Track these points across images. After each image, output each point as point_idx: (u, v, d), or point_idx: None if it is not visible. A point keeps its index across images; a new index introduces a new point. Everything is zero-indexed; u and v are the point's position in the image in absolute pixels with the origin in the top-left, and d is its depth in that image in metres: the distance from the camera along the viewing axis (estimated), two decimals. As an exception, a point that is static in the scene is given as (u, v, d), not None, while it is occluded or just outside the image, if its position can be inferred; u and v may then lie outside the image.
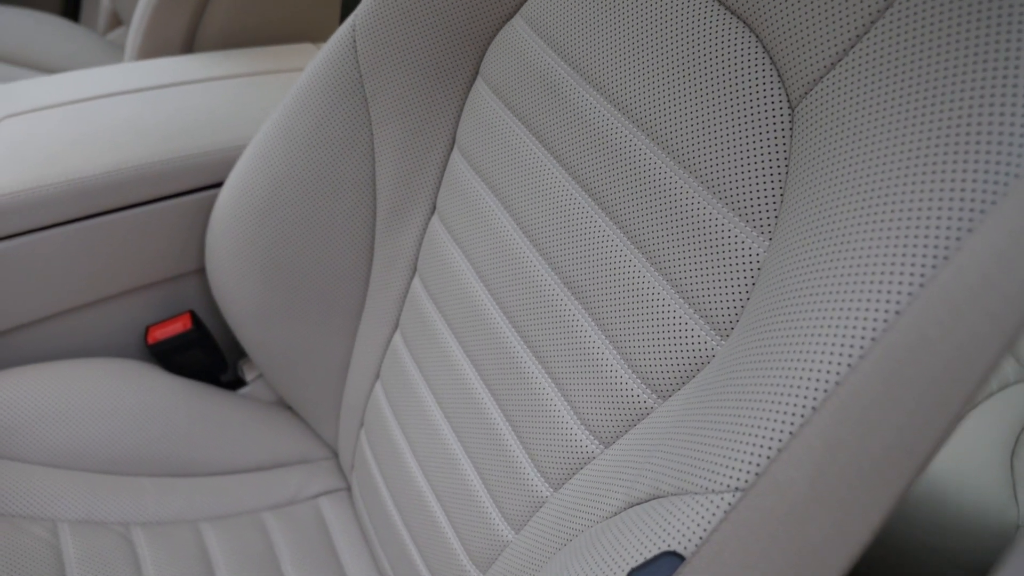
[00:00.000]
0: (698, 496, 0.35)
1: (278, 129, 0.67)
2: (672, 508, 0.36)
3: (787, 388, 0.31)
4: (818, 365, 0.31)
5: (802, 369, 0.31)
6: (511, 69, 0.58)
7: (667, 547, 0.33)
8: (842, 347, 0.30)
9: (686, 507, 0.35)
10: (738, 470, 0.32)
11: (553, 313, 0.53)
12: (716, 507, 0.33)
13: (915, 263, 0.29)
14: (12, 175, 0.68)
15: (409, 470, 0.66)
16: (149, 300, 0.79)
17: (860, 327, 0.30)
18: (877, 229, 0.31)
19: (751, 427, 0.33)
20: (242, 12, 0.91)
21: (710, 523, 0.32)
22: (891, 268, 0.30)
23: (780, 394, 0.32)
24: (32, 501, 0.68)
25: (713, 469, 0.34)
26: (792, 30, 0.40)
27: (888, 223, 0.31)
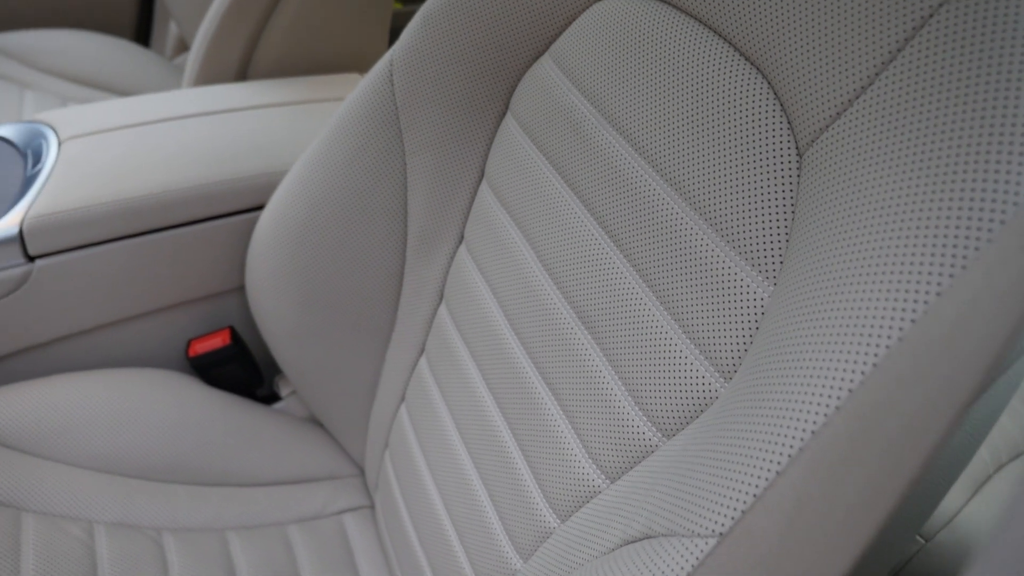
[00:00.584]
0: (684, 539, 0.35)
1: (317, 156, 0.70)
2: (659, 549, 0.37)
3: (768, 437, 0.32)
4: (796, 417, 0.31)
5: (782, 419, 0.32)
6: (538, 106, 0.59)
7: None
8: (818, 401, 0.30)
9: (672, 549, 0.35)
10: (720, 515, 0.33)
11: (567, 346, 0.54)
12: (699, 551, 0.34)
13: (892, 320, 0.29)
14: (69, 193, 0.73)
15: (427, 493, 0.68)
16: (192, 315, 0.83)
17: (837, 381, 0.30)
18: (861, 283, 0.32)
19: (734, 473, 0.33)
20: (293, 43, 0.95)
21: (692, 567, 0.33)
22: (870, 324, 0.30)
23: (762, 442, 0.32)
24: (71, 502, 0.71)
25: (699, 512, 0.34)
26: (803, 78, 0.40)
27: (871, 279, 0.31)
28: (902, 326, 0.28)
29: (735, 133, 0.44)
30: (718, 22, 0.45)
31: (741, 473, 0.32)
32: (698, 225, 0.45)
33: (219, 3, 0.91)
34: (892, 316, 0.29)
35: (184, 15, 1.27)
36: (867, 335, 0.30)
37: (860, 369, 0.29)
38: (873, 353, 0.29)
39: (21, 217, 0.71)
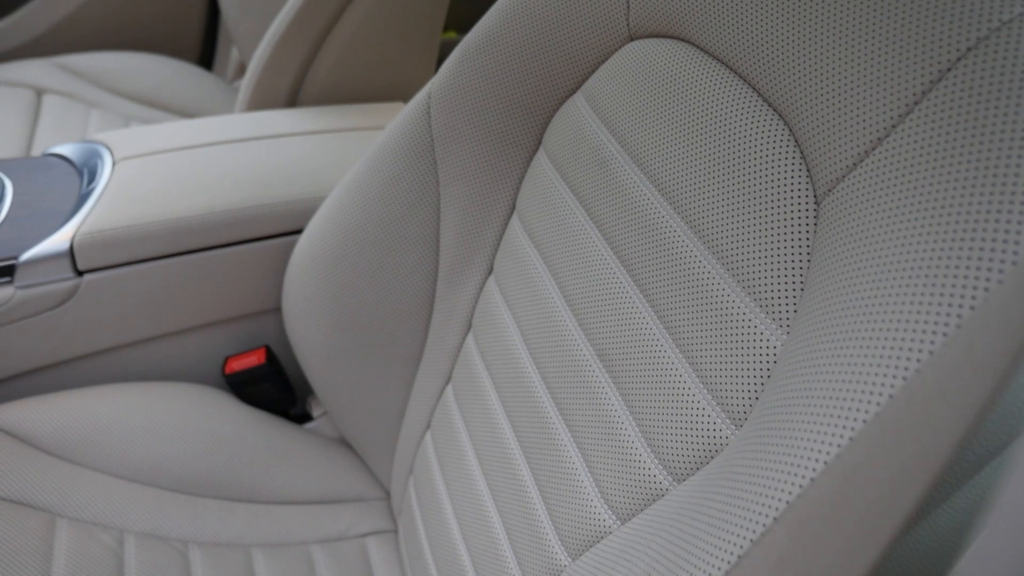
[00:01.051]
0: (680, 586, 0.35)
1: (354, 184, 0.72)
2: (658, 594, 0.36)
3: (761, 492, 0.31)
4: (788, 473, 0.30)
5: (775, 476, 0.31)
6: (569, 142, 0.60)
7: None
8: (808, 460, 0.30)
9: (669, 595, 0.35)
10: (713, 566, 0.32)
11: (585, 383, 0.54)
12: None
13: (885, 378, 0.29)
14: (119, 211, 0.76)
15: (447, 521, 0.68)
16: (229, 333, 0.85)
17: (826, 441, 0.29)
18: (861, 340, 0.31)
19: (727, 526, 0.33)
20: (343, 71, 0.98)
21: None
22: (862, 383, 0.29)
23: (755, 496, 0.32)
24: (104, 510, 0.73)
25: (693, 563, 0.34)
26: (823, 126, 0.40)
27: (870, 337, 0.31)
28: (893, 385, 0.28)
29: (755, 178, 0.43)
30: (743, 67, 0.45)
31: (733, 526, 0.32)
32: (716, 269, 0.45)
33: (273, 32, 0.94)
34: (884, 375, 0.28)
35: (245, 40, 1.32)
36: (859, 394, 0.29)
37: (849, 428, 0.28)
38: (863, 412, 0.28)
39: (72, 233, 0.74)
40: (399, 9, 0.97)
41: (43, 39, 1.45)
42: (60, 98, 1.27)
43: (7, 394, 0.78)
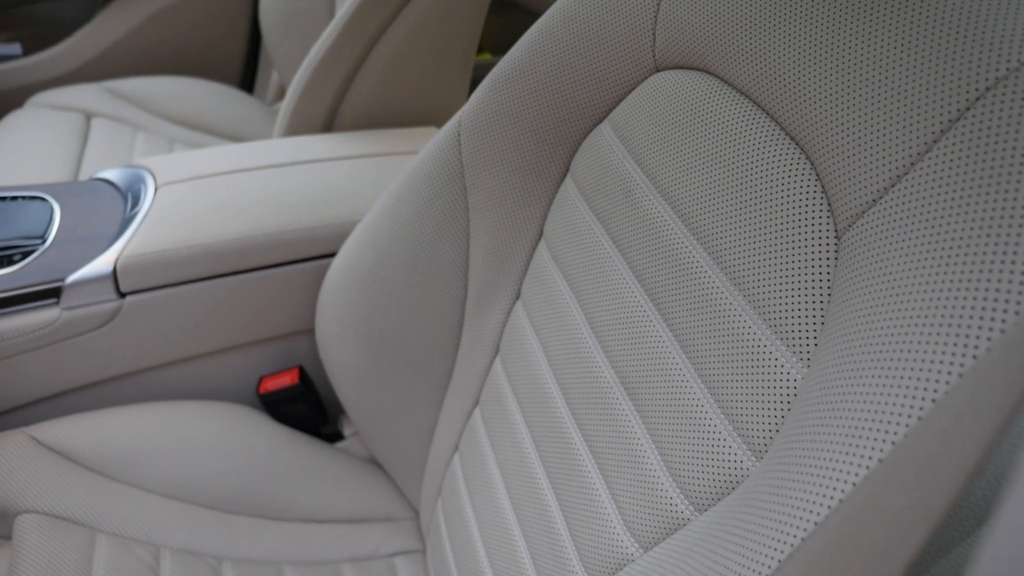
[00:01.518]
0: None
1: (386, 209, 0.74)
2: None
3: (776, 527, 0.32)
4: (800, 510, 0.31)
5: (788, 514, 0.31)
6: (595, 170, 0.61)
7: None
8: (819, 498, 0.30)
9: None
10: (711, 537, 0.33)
11: (608, 411, 0.54)
12: None
13: (891, 426, 0.29)
14: (160, 235, 0.78)
15: (473, 543, 0.68)
16: (264, 353, 0.87)
17: (836, 480, 0.29)
18: (872, 381, 0.31)
19: (744, 560, 0.33)
20: (378, 97, 1.00)
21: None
22: (874, 423, 0.29)
23: (770, 532, 0.32)
24: (142, 526, 0.75)
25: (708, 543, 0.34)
26: (844, 161, 0.40)
27: (881, 378, 0.31)
28: (897, 432, 0.28)
29: (777, 212, 0.44)
30: (767, 100, 0.46)
31: (749, 561, 0.32)
32: (737, 301, 0.45)
33: (311, 59, 0.97)
34: (892, 419, 0.29)
35: (285, 65, 1.35)
36: (869, 436, 0.29)
37: (858, 468, 0.29)
38: (873, 453, 0.28)
39: (116, 256, 0.76)
40: (434, 36, 0.99)
41: (92, 65, 1.51)
42: (108, 121, 1.31)
43: (51, 411, 0.81)
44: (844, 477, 0.30)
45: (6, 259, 0.77)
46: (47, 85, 1.48)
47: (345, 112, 1.00)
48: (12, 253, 0.78)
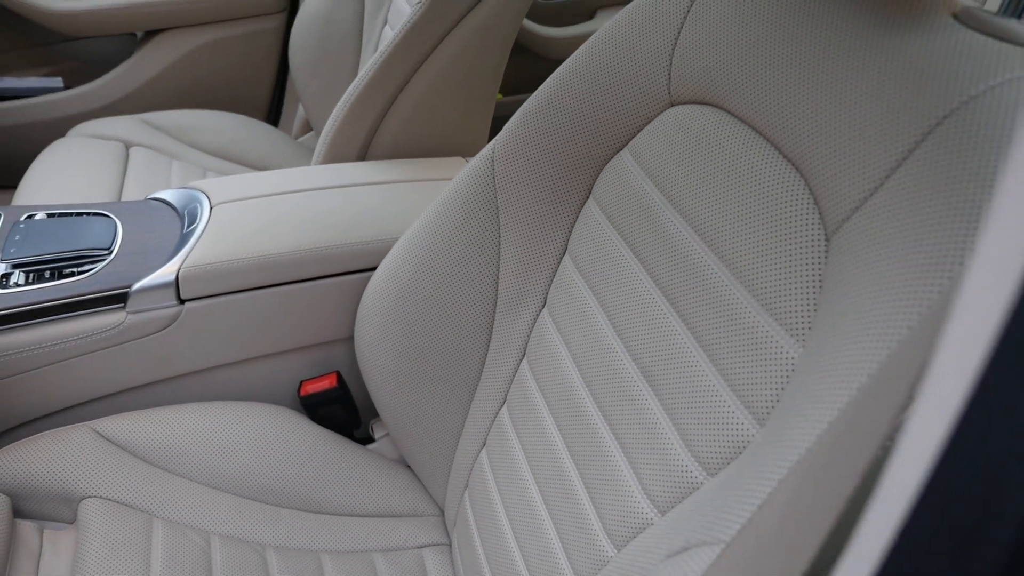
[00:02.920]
0: (712, 546, 0.43)
1: (424, 228, 0.82)
2: (694, 555, 0.44)
3: (777, 455, 0.40)
4: (794, 444, 0.39)
5: (786, 447, 0.39)
6: (616, 192, 0.69)
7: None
8: (810, 431, 0.38)
9: (703, 554, 0.43)
10: (738, 517, 0.41)
11: (629, 397, 0.62)
12: (720, 549, 0.41)
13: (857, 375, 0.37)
14: (215, 249, 0.87)
15: (502, 531, 0.75)
16: (305, 359, 0.95)
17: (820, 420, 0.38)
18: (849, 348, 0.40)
19: (750, 487, 0.41)
20: (408, 130, 1.09)
21: (711, 560, 0.40)
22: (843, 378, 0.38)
23: (772, 460, 0.40)
24: (194, 513, 0.82)
25: (724, 520, 0.42)
26: (831, 177, 0.49)
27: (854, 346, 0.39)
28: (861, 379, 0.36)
29: (776, 220, 0.52)
30: (766, 129, 0.55)
31: (756, 485, 0.40)
32: (743, 295, 0.54)
33: (348, 95, 1.06)
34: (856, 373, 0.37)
35: (312, 101, 1.45)
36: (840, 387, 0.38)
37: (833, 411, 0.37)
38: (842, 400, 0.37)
39: (178, 267, 0.84)
40: (460, 76, 1.08)
41: (131, 98, 1.60)
42: (146, 151, 1.40)
43: (114, 407, 0.88)
44: (822, 419, 0.38)
45: (76, 268, 0.85)
46: (87, 116, 1.57)
47: (379, 143, 1.09)
48: (82, 262, 0.86)
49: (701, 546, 0.44)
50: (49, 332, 0.82)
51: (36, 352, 0.82)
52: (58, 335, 0.82)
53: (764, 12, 0.58)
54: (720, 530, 0.43)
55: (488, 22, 1.06)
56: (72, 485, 0.80)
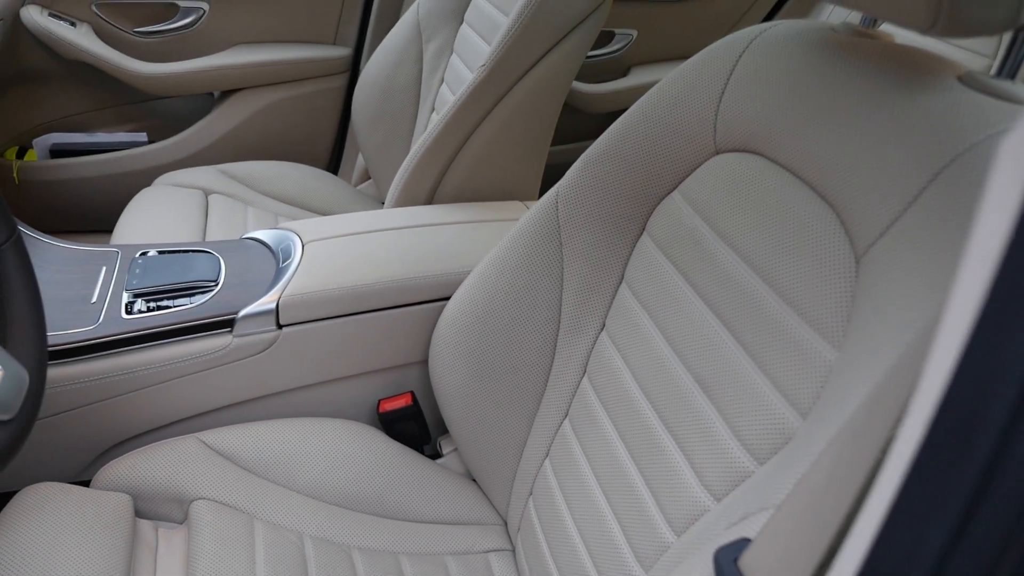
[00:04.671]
0: (769, 510, 0.52)
1: (495, 260, 0.93)
2: (752, 520, 0.53)
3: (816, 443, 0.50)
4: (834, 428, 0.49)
5: (826, 432, 0.49)
6: (669, 228, 0.80)
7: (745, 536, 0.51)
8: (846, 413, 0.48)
9: (761, 517, 0.52)
10: (789, 483, 0.50)
11: (686, 403, 0.72)
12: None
13: (877, 372, 0.47)
14: (310, 281, 0.98)
15: (568, 531, 0.84)
16: (383, 380, 1.05)
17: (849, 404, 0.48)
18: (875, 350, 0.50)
19: (799, 459, 0.50)
20: (470, 178, 1.22)
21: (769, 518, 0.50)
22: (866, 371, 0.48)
23: (813, 447, 0.50)
24: (288, 516, 0.91)
25: (777, 493, 0.52)
26: (857, 211, 0.59)
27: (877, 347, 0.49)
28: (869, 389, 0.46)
29: (813, 247, 0.63)
30: (801, 171, 0.66)
31: (800, 465, 0.50)
32: (786, 311, 0.64)
33: (419, 145, 1.19)
34: (871, 379, 0.47)
35: (372, 152, 1.58)
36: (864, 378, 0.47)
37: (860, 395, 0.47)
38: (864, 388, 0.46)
39: (278, 296, 0.96)
40: (517, 130, 1.21)
41: (209, 150, 1.75)
42: (223, 197, 1.53)
43: (218, 421, 0.99)
44: (856, 400, 0.48)
45: (188, 297, 0.97)
46: (170, 167, 1.72)
47: (445, 188, 1.22)
48: (193, 292, 0.98)
49: (758, 512, 0.53)
50: (166, 353, 0.93)
51: (155, 370, 0.93)
52: (174, 356, 0.93)
53: (796, 74, 0.69)
54: (775, 496, 0.52)
55: (542, 82, 1.19)
56: (183, 489, 0.90)
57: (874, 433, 0.41)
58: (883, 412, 0.41)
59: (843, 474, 0.43)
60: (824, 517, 0.42)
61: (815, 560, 0.42)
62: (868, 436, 0.42)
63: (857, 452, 0.42)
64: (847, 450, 0.44)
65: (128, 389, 0.93)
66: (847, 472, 0.42)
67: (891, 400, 0.41)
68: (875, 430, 0.41)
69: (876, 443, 0.40)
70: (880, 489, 0.33)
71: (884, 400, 0.43)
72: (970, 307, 0.29)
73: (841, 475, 0.43)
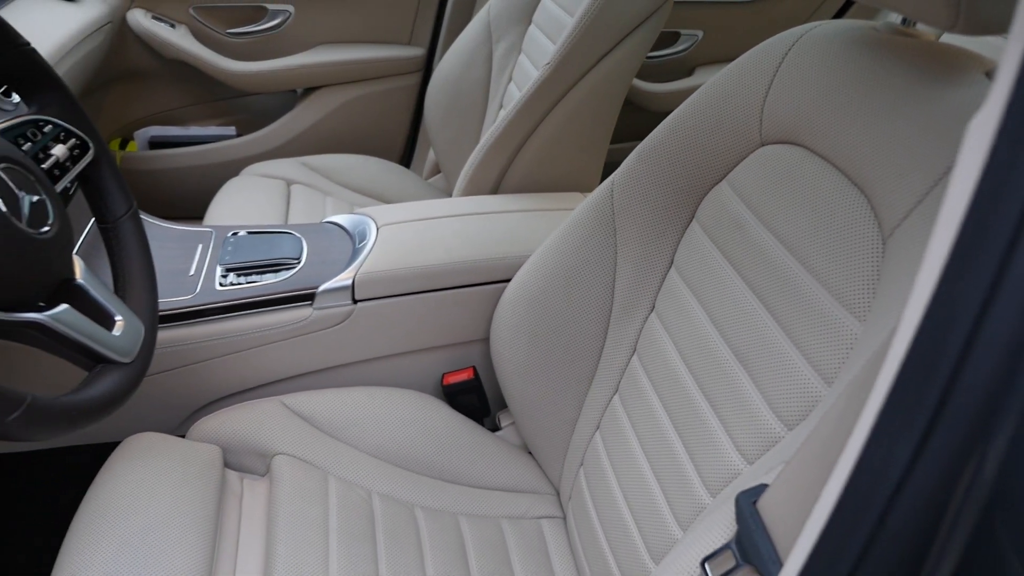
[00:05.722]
0: (789, 461, 0.58)
1: (552, 245, 1.00)
2: (775, 470, 0.59)
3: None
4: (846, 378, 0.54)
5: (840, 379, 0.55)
6: (716, 215, 0.85)
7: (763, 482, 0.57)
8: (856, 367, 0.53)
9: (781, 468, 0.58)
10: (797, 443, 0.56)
11: (724, 374, 0.77)
12: None
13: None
14: (385, 259, 1.07)
15: (615, 498, 0.90)
16: (446, 355, 1.13)
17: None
18: (894, 320, 0.55)
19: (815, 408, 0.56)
20: (533, 170, 1.29)
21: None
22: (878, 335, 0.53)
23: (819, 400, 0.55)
24: (357, 474, 1.00)
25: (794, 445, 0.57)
26: (885, 197, 0.64)
27: (895, 318, 0.54)
28: None
29: (845, 229, 0.68)
30: (837, 160, 0.70)
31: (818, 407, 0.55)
32: (817, 288, 0.69)
33: (486, 139, 1.27)
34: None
35: (442, 146, 1.67)
36: (876, 338, 0.52)
37: None
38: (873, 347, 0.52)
39: (354, 273, 1.05)
40: (578, 125, 1.28)
41: (291, 144, 1.87)
42: (304, 187, 1.64)
43: (296, 386, 1.09)
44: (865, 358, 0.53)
45: (274, 272, 1.07)
46: (256, 159, 1.84)
47: (509, 179, 1.29)
48: (279, 268, 1.08)
49: (779, 466, 0.59)
50: (253, 322, 1.03)
51: (243, 337, 1.03)
52: (260, 324, 1.03)
53: (836, 71, 0.74)
54: (793, 448, 0.58)
55: (604, 80, 1.25)
56: (266, 445, 0.99)
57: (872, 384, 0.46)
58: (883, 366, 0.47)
59: (847, 424, 0.48)
60: (830, 460, 0.48)
61: (817, 495, 0.47)
62: (868, 388, 0.47)
63: (859, 402, 0.48)
64: (852, 402, 0.50)
65: (219, 353, 1.03)
66: (851, 422, 0.47)
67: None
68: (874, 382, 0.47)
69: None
70: (863, 420, 0.39)
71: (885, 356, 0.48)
72: (939, 260, 0.35)
73: (846, 425, 0.48)
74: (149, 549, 0.80)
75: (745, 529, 0.53)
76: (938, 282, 0.35)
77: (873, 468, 0.37)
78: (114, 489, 0.86)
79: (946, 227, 0.34)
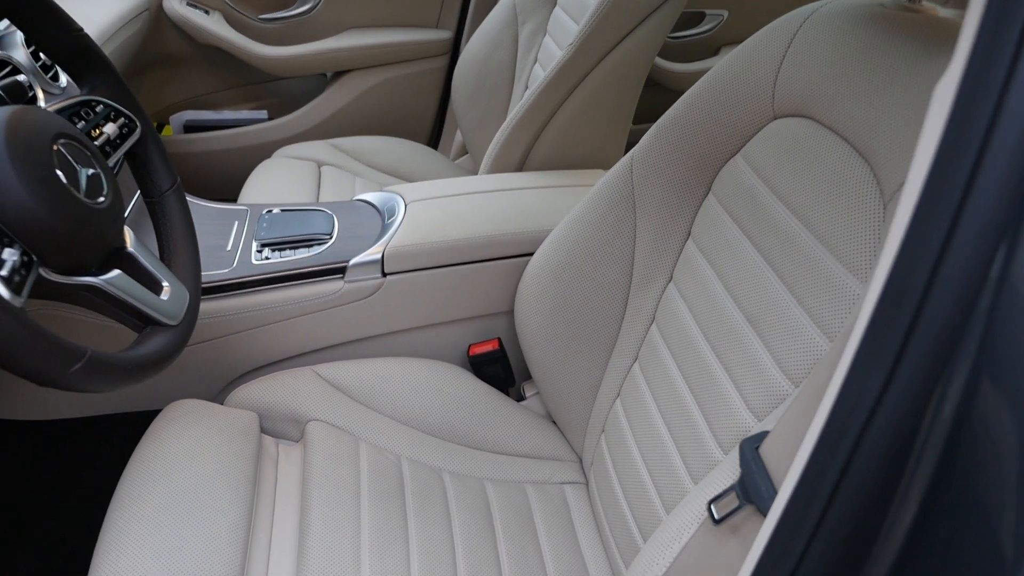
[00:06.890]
0: (792, 414, 0.61)
1: (575, 218, 1.03)
2: (779, 425, 0.62)
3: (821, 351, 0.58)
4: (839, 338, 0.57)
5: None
6: (731, 188, 0.88)
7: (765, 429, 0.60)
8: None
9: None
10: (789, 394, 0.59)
11: (736, 336, 0.80)
12: None
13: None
14: (413, 234, 1.11)
15: (634, 463, 0.94)
16: (473, 327, 1.17)
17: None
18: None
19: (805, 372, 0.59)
20: (557, 148, 1.32)
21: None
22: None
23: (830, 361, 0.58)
24: (387, 439, 1.05)
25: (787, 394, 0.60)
26: (887, 166, 0.67)
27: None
28: None
29: (849, 195, 0.70)
30: (843, 131, 0.73)
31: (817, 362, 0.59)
32: (823, 252, 0.72)
33: (511, 118, 1.30)
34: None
35: (469, 128, 1.71)
36: None
37: None
38: None
39: (383, 247, 1.09)
40: (601, 104, 1.31)
41: (321, 126, 1.92)
42: (334, 169, 1.69)
43: (329, 357, 1.14)
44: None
45: (307, 247, 1.12)
46: (287, 142, 1.90)
47: (534, 157, 1.33)
48: (311, 243, 1.12)
49: (784, 418, 0.62)
50: (288, 294, 1.08)
51: (278, 309, 1.08)
52: (294, 297, 1.08)
53: (844, 45, 0.76)
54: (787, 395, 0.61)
55: (626, 60, 1.28)
56: (300, 412, 1.04)
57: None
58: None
59: (840, 370, 0.51)
60: (824, 404, 0.51)
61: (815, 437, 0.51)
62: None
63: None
64: (842, 348, 0.53)
65: (255, 324, 1.09)
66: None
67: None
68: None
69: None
70: (843, 359, 0.42)
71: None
72: (908, 208, 0.38)
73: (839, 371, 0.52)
74: (192, 506, 0.85)
75: (748, 472, 0.56)
76: (907, 228, 0.38)
77: (850, 399, 0.40)
78: (159, 450, 0.92)
79: (915, 177, 0.38)
